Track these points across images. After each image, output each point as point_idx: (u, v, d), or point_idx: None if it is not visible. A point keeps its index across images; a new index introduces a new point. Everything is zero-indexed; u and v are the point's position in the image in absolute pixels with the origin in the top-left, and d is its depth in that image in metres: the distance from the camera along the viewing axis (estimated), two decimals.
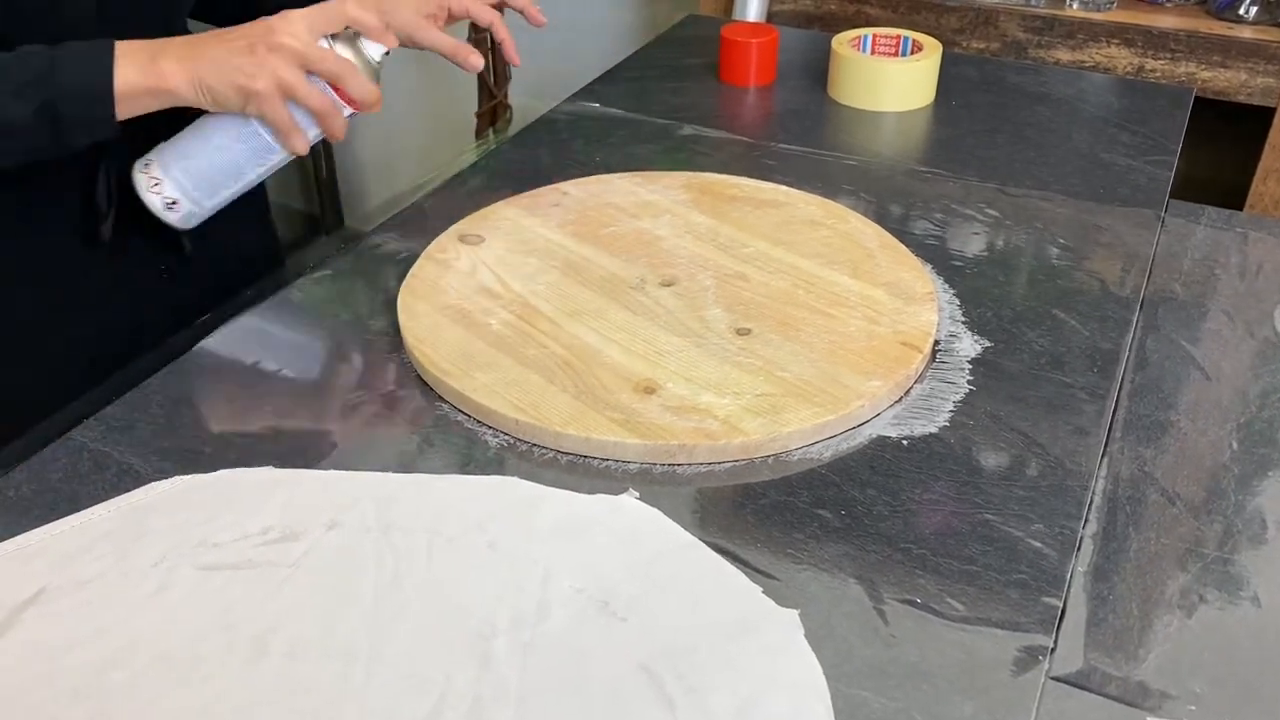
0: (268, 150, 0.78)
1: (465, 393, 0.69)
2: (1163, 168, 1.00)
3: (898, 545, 0.60)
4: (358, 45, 0.78)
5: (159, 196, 0.78)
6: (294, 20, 0.74)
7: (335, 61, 0.75)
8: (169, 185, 0.78)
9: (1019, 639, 0.54)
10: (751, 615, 0.55)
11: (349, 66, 0.76)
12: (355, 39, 0.78)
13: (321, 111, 0.76)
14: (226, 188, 0.80)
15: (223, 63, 0.73)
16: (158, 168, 0.78)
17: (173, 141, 0.79)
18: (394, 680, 0.52)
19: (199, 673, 0.52)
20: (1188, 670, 0.53)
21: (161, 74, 0.73)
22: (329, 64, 0.75)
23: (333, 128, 0.77)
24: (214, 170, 0.78)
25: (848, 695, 0.51)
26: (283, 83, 0.73)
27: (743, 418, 0.66)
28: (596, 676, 0.52)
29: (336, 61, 0.75)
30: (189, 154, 0.78)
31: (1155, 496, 0.64)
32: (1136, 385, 0.73)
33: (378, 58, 0.79)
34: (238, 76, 0.73)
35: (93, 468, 0.65)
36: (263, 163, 0.79)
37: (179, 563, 0.58)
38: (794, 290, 0.79)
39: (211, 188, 0.79)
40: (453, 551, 0.59)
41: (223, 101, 0.74)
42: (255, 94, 0.73)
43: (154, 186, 0.78)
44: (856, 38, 1.15)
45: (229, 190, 0.80)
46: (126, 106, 0.73)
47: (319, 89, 0.75)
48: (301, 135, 0.77)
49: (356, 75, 0.76)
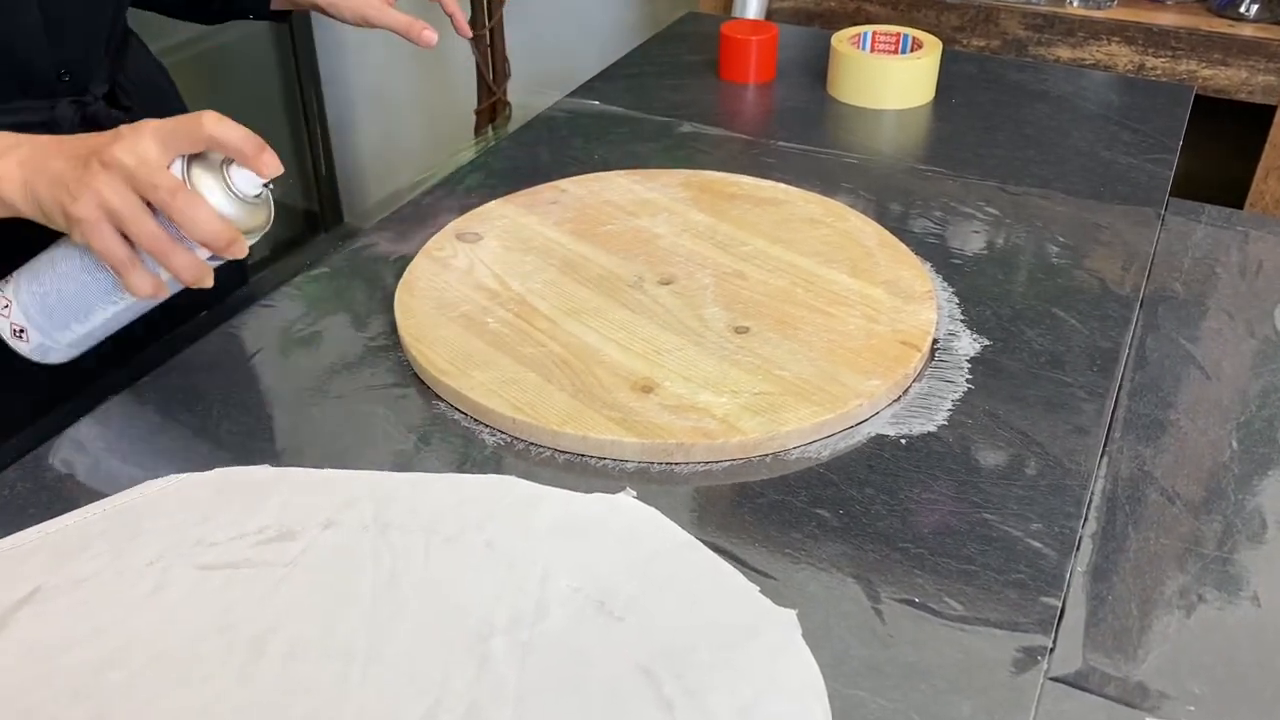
0: (116, 286, 0.65)
1: (462, 391, 0.68)
2: (1163, 166, 1.00)
3: (896, 544, 0.60)
4: (221, 172, 0.62)
5: (6, 321, 0.66)
6: (143, 131, 0.60)
7: (169, 192, 0.59)
8: (17, 309, 0.66)
9: (1017, 639, 0.54)
10: (749, 616, 0.55)
11: (184, 198, 0.59)
12: (221, 164, 0.62)
13: (154, 251, 0.61)
14: (77, 323, 0.66)
15: (54, 175, 0.61)
16: (10, 288, 0.66)
17: (30, 263, 0.67)
18: (392, 680, 0.51)
19: (197, 673, 0.52)
20: (1187, 670, 0.53)
21: (2, 178, 0.61)
22: (159, 193, 0.59)
23: (180, 270, 0.61)
24: (59, 302, 0.66)
25: (845, 695, 0.51)
26: (109, 208, 0.59)
27: (741, 417, 0.66)
28: (595, 677, 0.52)
29: (171, 192, 0.59)
30: (38, 277, 0.66)
31: (1155, 496, 0.64)
32: (1136, 384, 0.73)
33: (252, 190, 0.63)
34: (60, 193, 0.60)
35: (88, 466, 0.65)
36: (113, 301, 0.66)
37: (175, 562, 0.58)
38: (792, 289, 0.78)
39: (59, 321, 0.66)
40: (450, 551, 0.58)
41: (54, 219, 0.62)
42: (74, 220, 0.60)
43: (4, 308, 0.66)
44: (856, 35, 1.15)
45: (81, 328, 0.67)
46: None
47: (154, 222, 0.60)
48: (144, 274, 0.62)
49: (195, 209, 0.60)
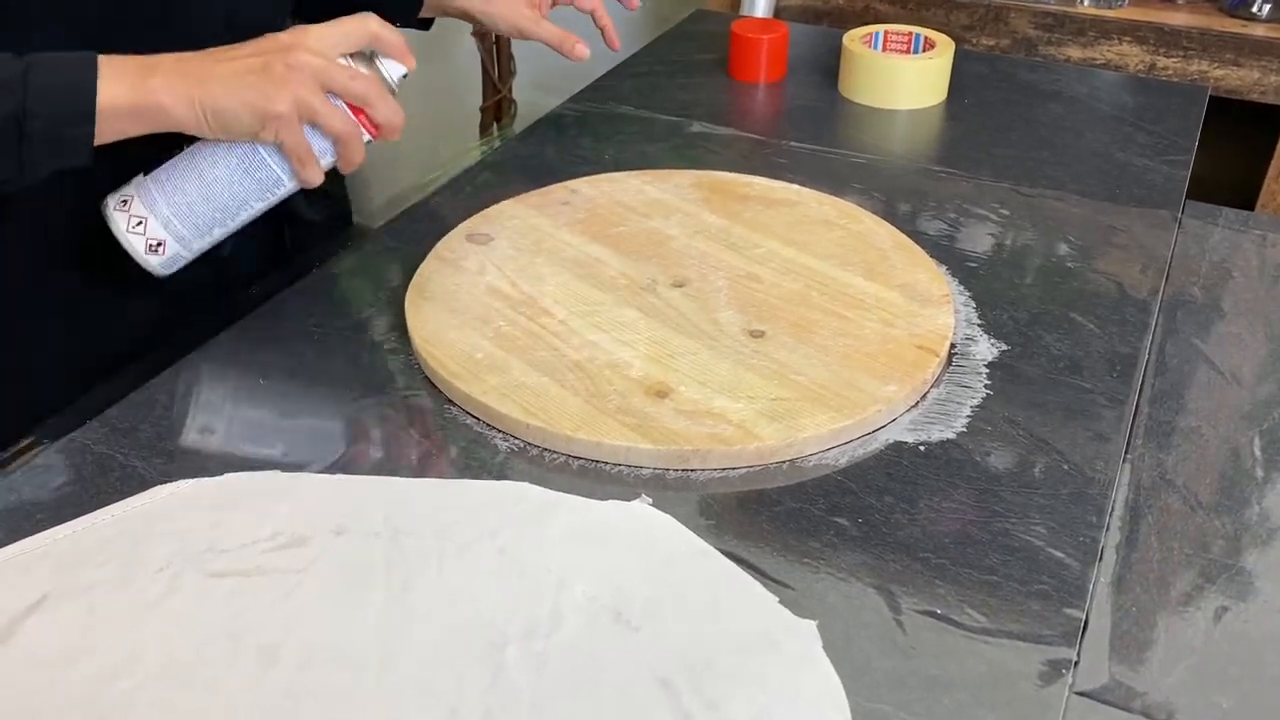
0: (275, 183, 0.70)
1: (475, 396, 0.67)
2: (1179, 167, 0.99)
3: (916, 554, 0.59)
4: (376, 65, 0.71)
5: (141, 238, 0.68)
6: (312, 35, 0.67)
7: (362, 82, 0.68)
8: (155, 224, 0.68)
9: (1042, 651, 0.53)
10: (768, 626, 0.54)
11: (377, 87, 0.69)
12: (373, 58, 0.71)
13: (345, 137, 0.68)
14: (221, 226, 0.70)
15: (233, 82, 0.64)
16: (139, 204, 0.68)
17: (156, 175, 0.69)
18: (405, 690, 0.50)
19: (206, 683, 0.51)
20: (1213, 684, 0.52)
21: (153, 90, 0.64)
22: (356, 85, 0.67)
23: (353, 155, 0.70)
24: (211, 206, 0.69)
25: (867, 709, 0.50)
26: (304, 105, 0.65)
27: (757, 422, 0.65)
28: (611, 688, 0.51)
29: (364, 81, 0.68)
30: (180, 188, 0.68)
31: (1178, 504, 0.63)
32: (1156, 390, 0.72)
33: (397, 79, 0.72)
34: (254, 97, 0.64)
35: (96, 471, 0.64)
36: (268, 196, 0.71)
37: (185, 569, 0.57)
38: (807, 292, 0.77)
39: (204, 226, 0.70)
40: (463, 558, 0.57)
41: (232, 126, 0.66)
42: (275, 117, 0.65)
43: (135, 226, 0.68)
44: (868, 34, 1.14)
45: (222, 230, 0.71)
46: (107, 127, 0.64)
47: (343, 112, 0.68)
48: (317, 164, 0.69)
49: (385, 97, 0.69)
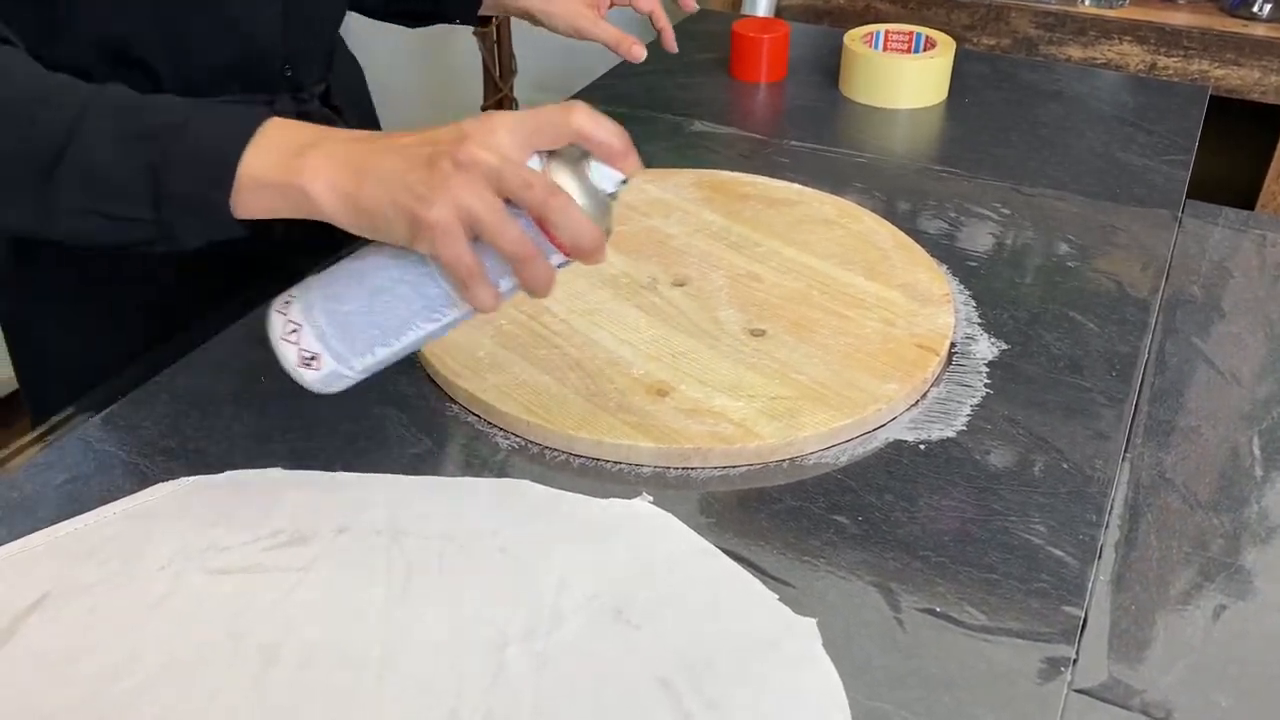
0: (444, 302, 0.56)
1: (476, 394, 0.68)
2: (1179, 167, 0.99)
3: (916, 552, 0.59)
4: (583, 168, 0.55)
5: (294, 347, 0.57)
6: (497, 126, 0.54)
7: (543, 190, 0.53)
8: (308, 334, 0.56)
9: (1041, 649, 0.53)
10: (769, 625, 0.54)
11: (562, 199, 0.53)
12: (581, 160, 0.55)
13: (518, 258, 0.54)
14: (384, 345, 0.57)
15: (390, 177, 0.53)
16: (298, 309, 0.57)
17: (321, 276, 0.58)
18: (406, 690, 0.51)
19: (207, 682, 0.51)
20: (1212, 682, 0.52)
21: (302, 171, 0.54)
22: (534, 193, 0.53)
23: (532, 279, 0.55)
24: (367, 322, 0.56)
25: (867, 706, 0.50)
26: (467, 213, 0.52)
27: (757, 421, 0.65)
28: (612, 688, 0.51)
29: (545, 190, 0.53)
30: (338, 295, 0.57)
31: (1177, 503, 0.63)
32: (1156, 389, 0.72)
33: (611, 189, 0.56)
34: (406, 198, 0.52)
35: (97, 468, 0.64)
36: (435, 318, 0.57)
37: (187, 567, 0.57)
38: (808, 291, 0.78)
39: (363, 344, 0.57)
40: (464, 557, 0.58)
41: (383, 231, 0.54)
42: (427, 226, 0.52)
43: (290, 334, 0.57)
44: (869, 34, 1.14)
45: (386, 350, 0.58)
46: (249, 201, 0.55)
47: (518, 227, 0.53)
48: (487, 286, 0.55)
49: (570, 210, 0.53)
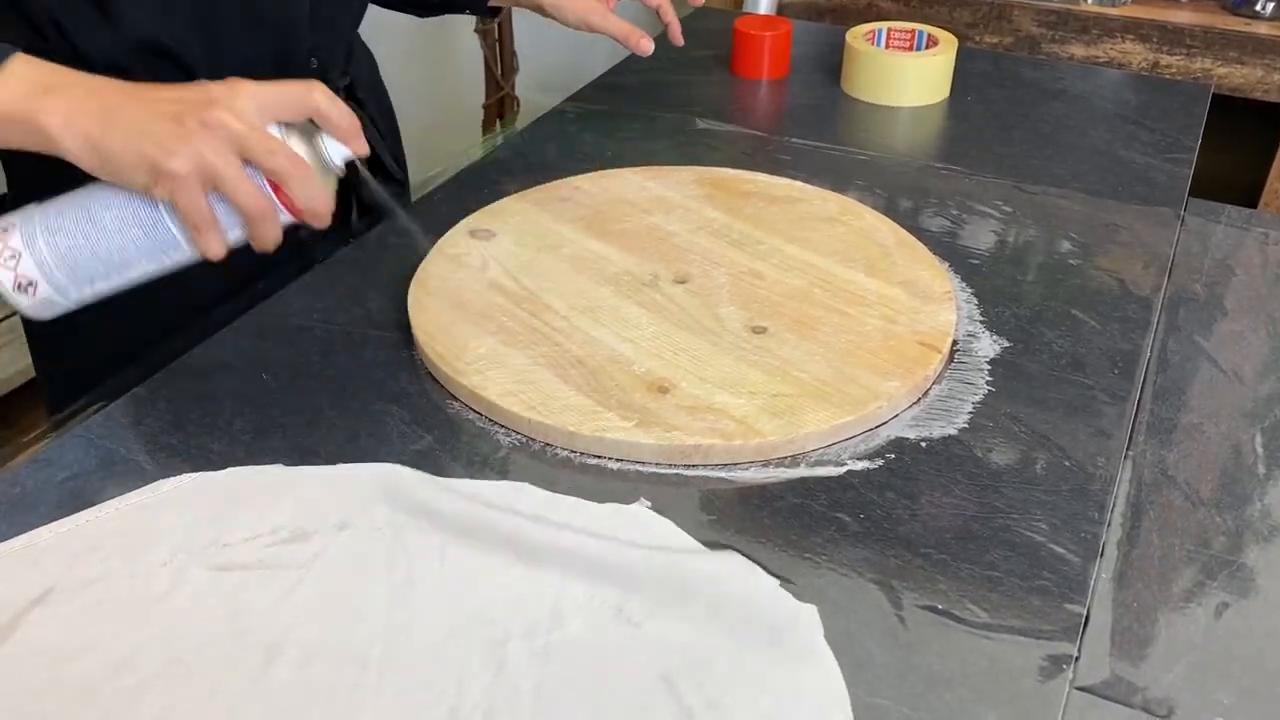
0: (171, 246, 0.62)
1: (477, 391, 0.68)
2: (1181, 165, 0.99)
3: (918, 549, 0.59)
4: (316, 142, 0.63)
5: (11, 273, 0.60)
6: (243, 94, 0.59)
7: (284, 156, 0.60)
8: (29, 263, 0.60)
9: (1042, 647, 0.53)
10: (769, 622, 0.54)
11: (301, 165, 0.60)
12: (315, 134, 0.63)
13: (253, 214, 0.60)
14: (104, 280, 0.62)
15: (136, 126, 0.58)
16: (18, 236, 0.60)
17: (45, 207, 0.61)
18: (407, 687, 0.51)
19: (209, 680, 0.51)
20: (1215, 680, 0.52)
21: (45, 108, 0.58)
22: (275, 160, 0.59)
23: (263, 235, 0.62)
24: (94, 257, 0.61)
25: (868, 703, 0.50)
26: (209, 168, 0.58)
27: (759, 418, 0.65)
28: (614, 686, 0.51)
29: (286, 156, 0.60)
30: (64, 228, 0.60)
31: (1179, 500, 0.63)
32: (1158, 387, 0.72)
33: (339, 162, 0.63)
34: (150, 148, 0.57)
35: (98, 464, 0.64)
36: (161, 259, 0.63)
37: (189, 563, 0.57)
38: (810, 288, 0.78)
39: (85, 277, 0.61)
40: (466, 554, 0.58)
41: (123, 175, 0.59)
42: (168, 175, 0.57)
43: (8, 260, 0.60)
44: (871, 31, 1.14)
45: (106, 284, 0.63)
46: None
47: (254, 185, 0.60)
48: (219, 236, 0.61)
49: (309, 178, 0.61)
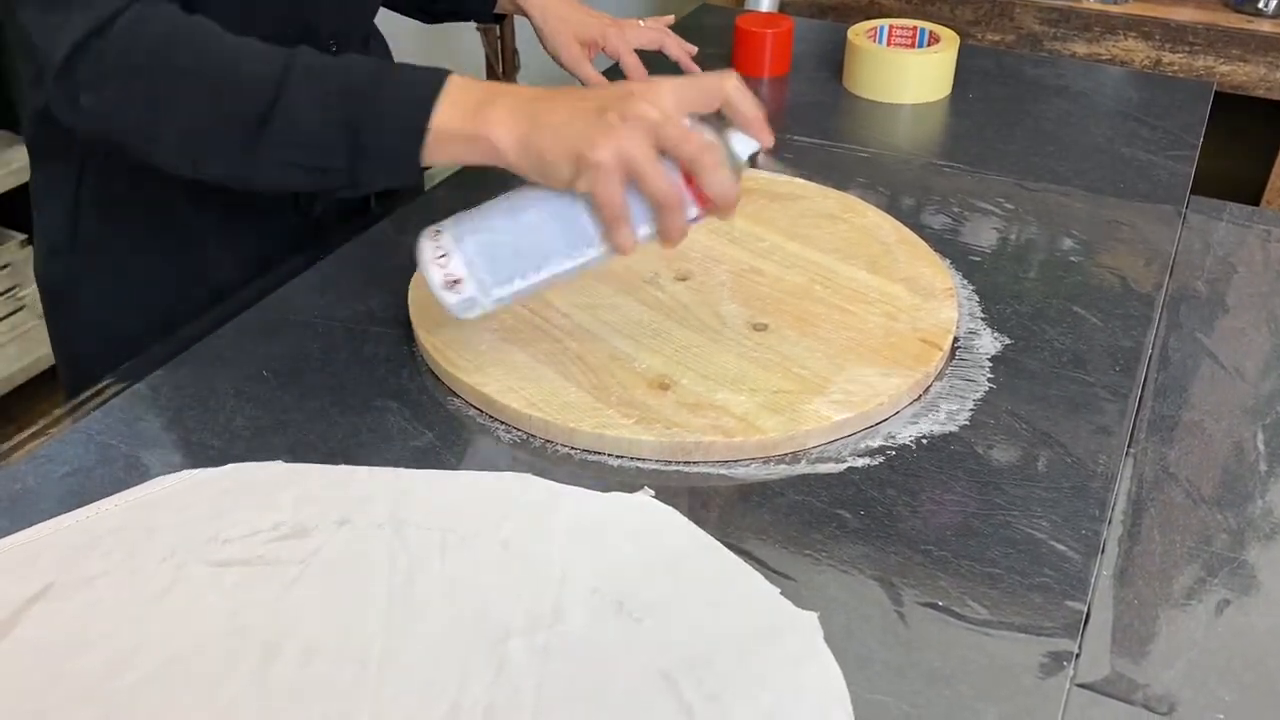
0: (586, 241, 0.64)
1: (478, 388, 0.68)
2: (1183, 163, 0.98)
3: (918, 547, 0.59)
4: (725, 135, 0.64)
5: (441, 271, 0.64)
6: (661, 88, 0.62)
7: (699, 145, 0.61)
8: (457, 259, 0.64)
9: (1043, 644, 0.53)
10: (771, 620, 0.54)
11: (714, 154, 0.61)
12: (724, 129, 0.64)
13: (664, 202, 0.61)
14: (522, 277, 0.65)
15: (562, 124, 0.61)
16: (449, 238, 0.65)
17: (474, 211, 0.66)
18: (408, 684, 0.51)
19: (209, 677, 0.51)
20: (1215, 677, 0.52)
21: (487, 122, 0.62)
22: (690, 147, 0.60)
23: (671, 226, 0.63)
24: (513, 252, 0.65)
25: (868, 700, 0.50)
26: (627, 157, 0.59)
27: (760, 415, 0.65)
28: (614, 681, 0.51)
29: (700, 145, 0.61)
30: (490, 226, 0.65)
31: (1180, 498, 0.63)
32: (1159, 384, 0.72)
33: (745, 156, 0.64)
34: (578, 142, 0.60)
35: (98, 460, 0.64)
36: (575, 255, 0.65)
37: (189, 559, 0.57)
38: (811, 285, 0.77)
39: (505, 273, 0.65)
40: (466, 550, 0.58)
41: (551, 172, 0.62)
42: (592, 165, 0.60)
43: (439, 258, 0.65)
44: (872, 29, 1.14)
45: (523, 282, 0.66)
46: (436, 151, 0.63)
47: (669, 176, 0.61)
48: (629, 229, 0.62)
49: (720, 166, 0.61)
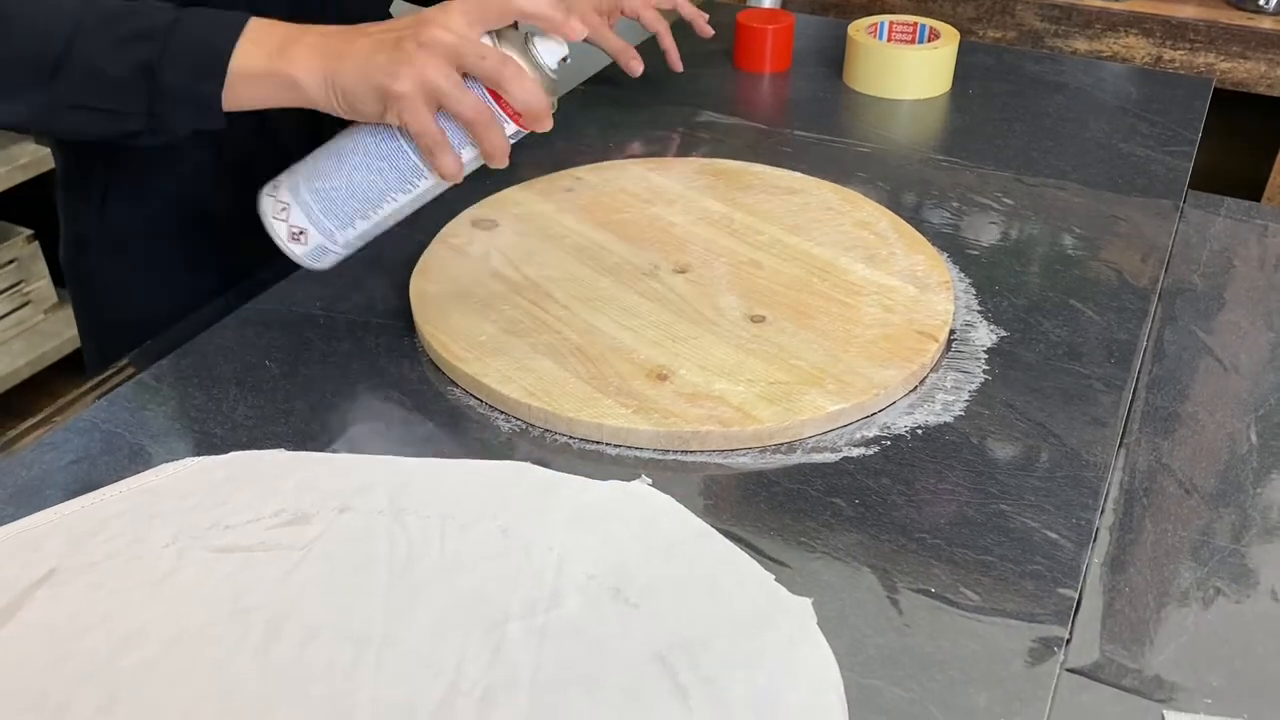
0: (415, 173, 0.65)
1: (478, 378, 0.68)
2: (1182, 158, 0.99)
3: (912, 535, 0.59)
4: (529, 47, 0.64)
5: (284, 224, 0.65)
6: (451, 11, 0.62)
7: (496, 60, 0.61)
8: (296, 210, 0.65)
9: (1034, 630, 0.54)
10: (765, 605, 0.55)
11: (513, 66, 0.62)
12: (527, 39, 0.65)
13: (474, 121, 0.62)
14: (363, 218, 0.66)
15: (363, 58, 0.61)
16: (286, 190, 0.66)
17: (304, 160, 0.67)
18: (408, 665, 0.51)
19: (211, 658, 0.52)
20: (1204, 663, 0.53)
21: (290, 60, 0.62)
22: (488, 63, 0.61)
23: (490, 144, 0.64)
24: (348, 195, 0.65)
25: (861, 685, 0.51)
26: (429, 84, 0.61)
27: (756, 405, 0.66)
28: (610, 664, 0.51)
29: (498, 60, 0.61)
30: (321, 173, 0.66)
31: (1172, 488, 0.64)
32: (1154, 376, 0.73)
33: (553, 64, 0.65)
34: (376, 74, 0.61)
35: (104, 449, 0.65)
36: (407, 188, 0.66)
37: (191, 545, 0.58)
38: (808, 278, 0.78)
39: (344, 216, 0.66)
40: (465, 536, 0.58)
41: (359, 107, 0.62)
42: (395, 97, 0.61)
43: (280, 212, 0.65)
44: (873, 24, 1.14)
45: (365, 223, 0.67)
46: (240, 92, 0.63)
47: (475, 95, 0.62)
48: (452, 154, 0.64)
49: (522, 77, 0.62)
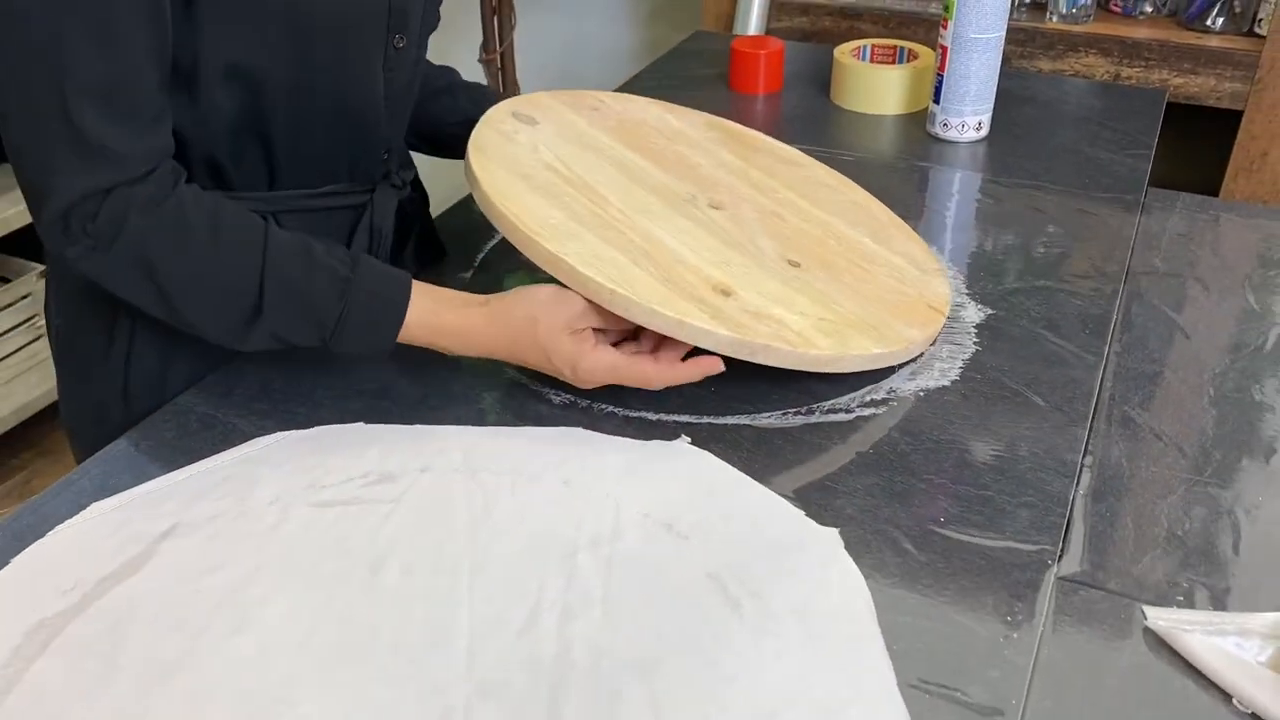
0: None
1: (559, 255, 0.69)
2: (1141, 160, 1.09)
3: (921, 476, 0.68)
4: None
5: None
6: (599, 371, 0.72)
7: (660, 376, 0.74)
8: None
9: (1031, 547, 0.63)
10: (798, 535, 0.64)
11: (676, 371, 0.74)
12: None
13: None
14: None
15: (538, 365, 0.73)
16: None
17: None
18: (496, 590, 0.59)
19: (324, 590, 0.60)
20: (1175, 568, 0.62)
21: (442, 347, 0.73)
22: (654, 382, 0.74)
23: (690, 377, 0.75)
24: None
25: (885, 592, 0.60)
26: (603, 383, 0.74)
27: (813, 334, 0.72)
28: (669, 583, 0.60)
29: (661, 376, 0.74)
30: None
31: (1144, 434, 0.73)
32: (1124, 344, 0.82)
33: None
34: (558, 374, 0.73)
35: (200, 427, 0.73)
36: None
37: (293, 501, 0.66)
38: (826, 239, 0.84)
39: None
40: (533, 488, 0.67)
41: None
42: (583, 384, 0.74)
43: None
44: (857, 48, 1.25)
45: None
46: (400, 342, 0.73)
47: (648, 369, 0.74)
48: None
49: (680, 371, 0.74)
